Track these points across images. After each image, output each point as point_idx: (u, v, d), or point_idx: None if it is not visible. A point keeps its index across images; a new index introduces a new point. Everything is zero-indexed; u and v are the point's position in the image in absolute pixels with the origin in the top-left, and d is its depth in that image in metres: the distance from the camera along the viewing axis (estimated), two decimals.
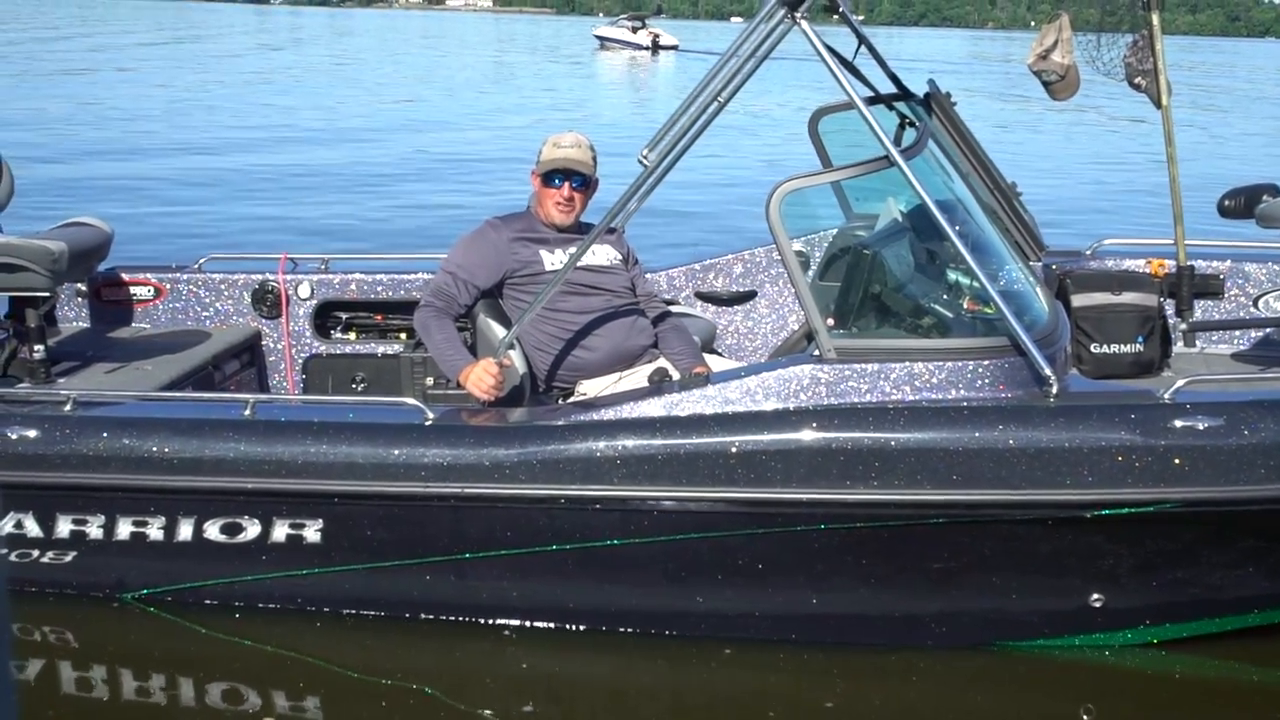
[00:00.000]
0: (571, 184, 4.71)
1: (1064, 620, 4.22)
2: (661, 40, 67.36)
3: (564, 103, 31.72)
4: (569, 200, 4.72)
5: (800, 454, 3.89)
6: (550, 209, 4.73)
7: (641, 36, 68.02)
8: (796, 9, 4.03)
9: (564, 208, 4.72)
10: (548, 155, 4.74)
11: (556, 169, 4.70)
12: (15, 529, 4.37)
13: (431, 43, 74.30)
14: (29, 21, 68.51)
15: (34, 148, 17.26)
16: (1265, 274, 5.67)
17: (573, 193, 4.72)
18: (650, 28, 69.97)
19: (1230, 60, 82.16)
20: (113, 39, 55.99)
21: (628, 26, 71.55)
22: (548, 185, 4.73)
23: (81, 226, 5.38)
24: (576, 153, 4.72)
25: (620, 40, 69.53)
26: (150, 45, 53.07)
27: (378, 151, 19.50)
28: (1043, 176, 16.63)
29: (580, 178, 4.72)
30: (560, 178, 4.71)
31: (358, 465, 4.11)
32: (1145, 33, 5.52)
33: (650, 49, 65.87)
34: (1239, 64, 76.46)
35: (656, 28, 71.60)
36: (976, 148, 5.40)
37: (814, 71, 5.00)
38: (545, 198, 4.74)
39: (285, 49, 56.30)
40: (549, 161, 4.72)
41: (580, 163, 4.71)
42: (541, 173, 4.73)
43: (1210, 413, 3.83)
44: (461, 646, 4.36)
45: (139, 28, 71.47)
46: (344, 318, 5.96)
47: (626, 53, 64.51)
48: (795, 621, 4.26)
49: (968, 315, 4.28)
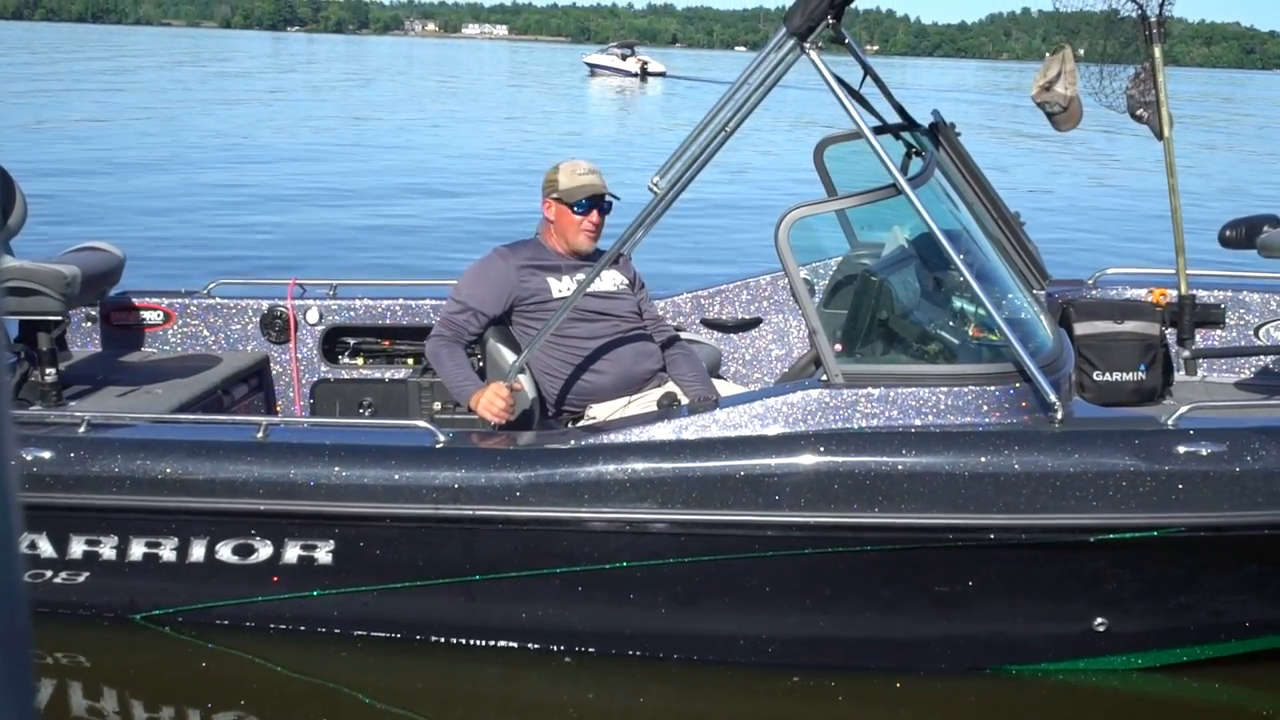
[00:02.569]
0: (599, 208, 4.76)
1: (1068, 644, 4.26)
2: (650, 67, 69.89)
3: (559, 129, 32.08)
4: (596, 226, 4.77)
5: (807, 478, 3.93)
6: (577, 236, 4.76)
7: (631, 64, 70.48)
8: (806, 39, 4.10)
9: (592, 234, 4.77)
10: (571, 183, 4.75)
11: (587, 195, 4.75)
12: (29, 549, 4.40)
13: (429, 69, 75.24)
14: (46, 52, 69.23)
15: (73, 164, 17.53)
16: (1266, 304, 5.72)
17: (601, 219, 4.77)
18: (639, 55, 72.57)
19: (1247, 93, 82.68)
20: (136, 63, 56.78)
21: (617, 54, 74.13)
22: (574, 212, 4.76)
23: (94, 251, 5.43)
24: (598, 178, 4.77)
25: (610, 67, 71.94)
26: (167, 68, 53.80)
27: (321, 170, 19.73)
28: (1044, 203, 16.77)
29: (607, 203, 4.78)
30: (588, 204, 4.76)
31: (369, 487, 4.15)
32: (1147, 65, 5.59)
33: (639, 75, 68.10)
34: (1256, 96, 76.86)
35: (645, 55, 74.28)
36: (981, 178, 5.46)
37: (801, 101, 5.07)
38: (570, 224, 4.76)
39: (285, 72, 56.90)
40: (577, 189, 4.74)
41: (603, 187, 4.77)
42: (570, 201, 4.76)
43: (1213, 439, 3.87)
44: (472, 669, 4.38)
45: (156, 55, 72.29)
46: (352, 343, 6.00)
47: (616, 79, 66.27)
48: (803, 645, 4.29)
49: (973, 342, 4.33)
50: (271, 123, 28.53)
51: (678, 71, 75.21)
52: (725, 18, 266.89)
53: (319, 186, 17.88)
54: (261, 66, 60.72)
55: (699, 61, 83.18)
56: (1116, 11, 5.72)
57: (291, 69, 63.65)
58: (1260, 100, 70.33)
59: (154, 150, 21.52)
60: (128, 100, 31.28)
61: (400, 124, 30.91)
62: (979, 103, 49.60)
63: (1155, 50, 5.54)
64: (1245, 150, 31.55)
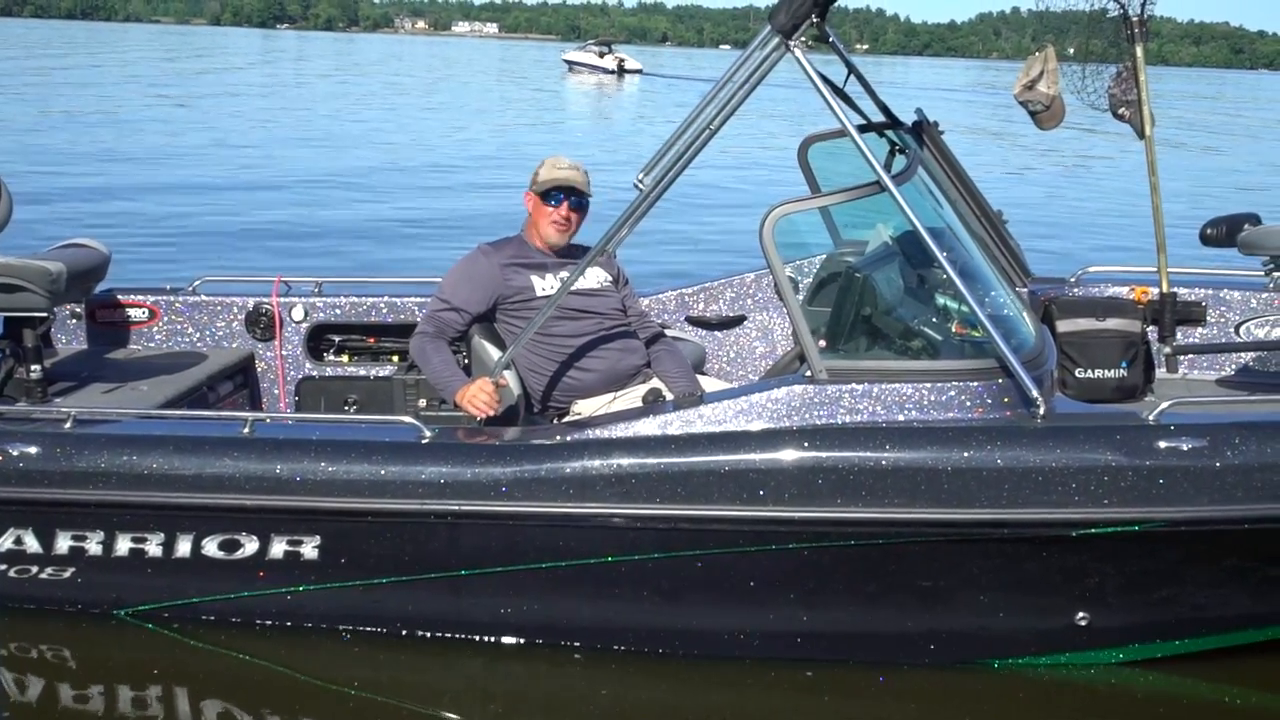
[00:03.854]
0: (570, 203, 4.78)
1: (1051, 638, 4.29)
2: (626, 64, 71.64)
3: (541, 122, 32.33)
4: (566, 220, 4.78)
5: (792, 473, 3.96)
6: (547, 228, 4.79)
7: (608, 61, 72.14)
8: (791, 37, 4.12)
9: (561, 226, 4.78)
10: (546, 175, 4.80)
11: (556, 186, 4.77)
12: (15, 545, 4.41)
13: (412, 65, 75.65)
14: (36, 48, 69.14)
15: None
16: (1246, 301, 5.76)
17: (570, 212, 4.78)
18: (615, 53, 74.26)
19: (1233, 92, 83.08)
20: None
21: (594, 51, 75.72)
22: (546, 203, 4.79)
23: (80, 248, 5.43)
24: (575, 174, 4.79)
25: (588, 64, 73.57)
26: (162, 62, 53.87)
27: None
28: (1028, 200, 16.86)
29: (578, 197, 4.79)
30: (559, 196, 4.77)
31: (355, 483, 4.16)
32: (1129, 64, 5.63)
33: (615, 73, 69.90)
34: (1242, 96, 77.25)
35: (621, 53, 75.98)
36: (964, 175, 5.49)
37: (785, 100, 5.12)
38: (541, 216, 4.80)
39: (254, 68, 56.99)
40: (549, 180, 4.78)
41: (579, 182, 4.78)
42: (540, 191, 4.79)
43: (1193, 435, 3.91)
44: (458, 664, 4.40)
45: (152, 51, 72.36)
46: (337, 340, 6.01)
47: (594, 76, 67.71)
48: (787, 639, 4.32)
49: (956, 338, 4.35)
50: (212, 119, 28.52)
51: (654, 69, 76.53)
52: (715, 16, 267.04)
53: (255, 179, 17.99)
54: (219, 65, 60.75)
55: (690, 60, 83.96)
56: (1105, 11, 5.75)
57: (250, 65, 63.78)
58: (1248, 100, 70.66)
59: (106, 145, 21.60)
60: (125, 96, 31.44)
61: (369, 118, 31.13)
62: (969, 102, 49.81)
63: (1137, 49, 5.58)
64: (1230, 151, 31.70)
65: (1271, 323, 5.71)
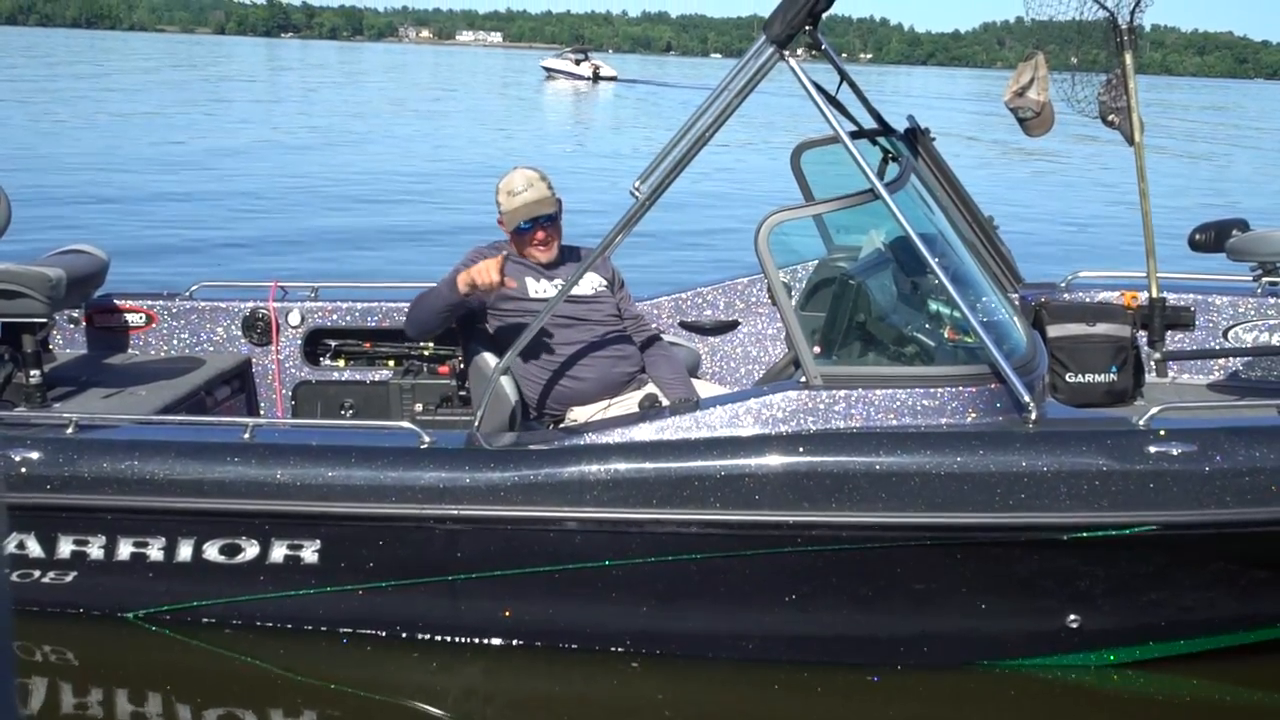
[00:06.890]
0: (541, 226, 4.82)
1: (1042, 641, 4.33)
2: (602, 71, 74.57)
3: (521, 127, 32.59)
4: (545, 242, 4.83)
5: (786, 477, 4.00)
6: (530, 253, 4.85)
7: (584, 68, 74.83)
8: (785, 46, 4.16)
9: (544, 249, 4.83)
10: (508, 207, 4.82)
11: (524, 219, 4.80)
12: (17, 549, 4.44)
13: (398, 74, 76.17)
14: (39, 56, 69.28)
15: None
16: (1234, 306, 5.82)
17: (544, 233, 4.82)
18: (591, 60, 77.07)
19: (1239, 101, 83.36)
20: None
21: (571, 59, 78.26)
22: (520, 234, 4.83)
23: (78, 254, 5.47)
24: (532, 194, 4.80)
25: (565, 71, 76.03)
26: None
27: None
28: (1018, 207, 16.90)
29: (547, 216, 4.82)
30: (529, 224, 4.81)
31: (354, 487, 4.20)
32: (1118, 71, 5.68)
33: (591, 79, 72.52)
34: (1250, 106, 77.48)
35: (597, 60, 78.91)
36: (956, 182, 5.54)
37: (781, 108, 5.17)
38: (520, 244, 4.86)
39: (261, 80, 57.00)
40: (512, 214, 4.81)
41: (541, 203, 4.80)
42: (511, 225, 4.83)
43: (1183, 439, 3.95)
44: (457, 666, 4.43)
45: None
46: (333, 345, 6.05)
47: (571, 83, 69.86)
48: (781, 641, 4.36)
49: (949, 344, 4.39)
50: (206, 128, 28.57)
51: (659, 79, 78.12)
52: (719, 25, 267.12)
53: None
54: (207, 75, 60.99)
55: (695, 69, 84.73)
56: (1102, 20, 5.80)
57: (248, 72, 63.99)
58: (1247, 110, 70.77)
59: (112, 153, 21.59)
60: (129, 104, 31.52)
61: (361, 129, 31.20)
62: (971, 112, 49.87)
63: (1126, 57, 5.64)
64: (1221, 158, 31.77)
65: (1259, 327, 5.77)
